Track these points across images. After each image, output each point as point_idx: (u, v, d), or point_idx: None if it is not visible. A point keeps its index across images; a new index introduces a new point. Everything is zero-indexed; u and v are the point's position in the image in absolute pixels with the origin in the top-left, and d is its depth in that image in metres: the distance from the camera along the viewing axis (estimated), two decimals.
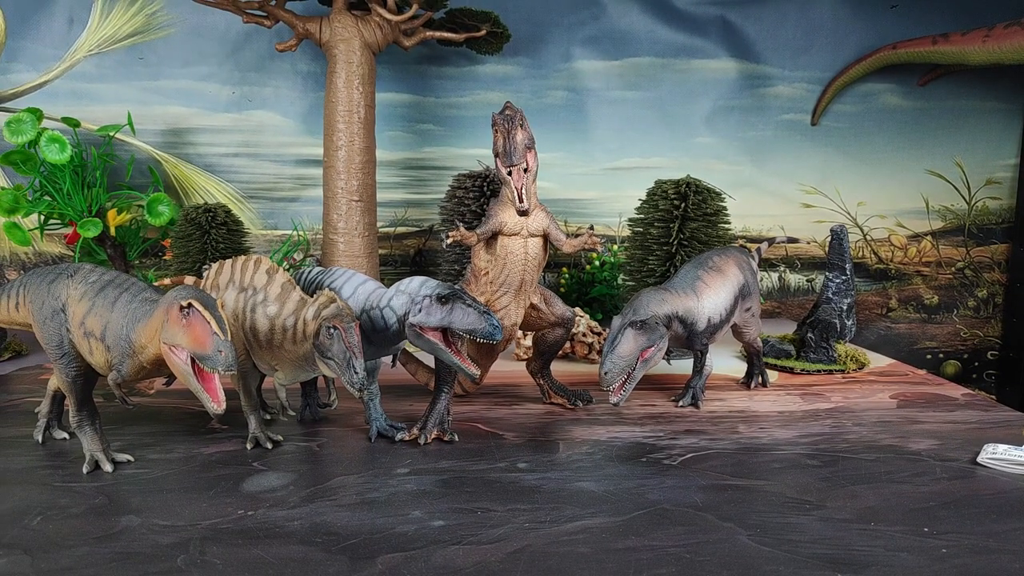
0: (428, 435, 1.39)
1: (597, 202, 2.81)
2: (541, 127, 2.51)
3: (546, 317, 1.62)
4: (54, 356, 1.23)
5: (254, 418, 1.38)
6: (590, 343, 2.11)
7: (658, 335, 1.45)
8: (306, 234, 2.70)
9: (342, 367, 1.18)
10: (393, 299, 1.30)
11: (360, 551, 0.95)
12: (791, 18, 2.68)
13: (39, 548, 0.95)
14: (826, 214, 2.83)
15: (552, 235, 1.50)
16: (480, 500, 1.12)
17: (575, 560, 0.93)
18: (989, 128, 2.74)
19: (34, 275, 1.30)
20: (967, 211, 2.81)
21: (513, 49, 2.59)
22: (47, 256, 2.65)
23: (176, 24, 2.56)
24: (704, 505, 1.10)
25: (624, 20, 2.68)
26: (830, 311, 2.02)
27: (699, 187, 2.01)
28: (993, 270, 2.84)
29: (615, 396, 1.41)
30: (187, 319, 1.07)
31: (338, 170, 2.15)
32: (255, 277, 1.34)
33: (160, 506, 1.08)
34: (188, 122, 2.62)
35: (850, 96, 2.75)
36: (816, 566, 0.92)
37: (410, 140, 2.72)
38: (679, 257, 2.00)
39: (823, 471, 1.25)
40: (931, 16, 2.63)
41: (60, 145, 2.16)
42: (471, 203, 2.18)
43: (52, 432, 1.39)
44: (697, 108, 2.75)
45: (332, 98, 2.13)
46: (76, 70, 2.55)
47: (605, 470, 1.25)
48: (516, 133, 1.40)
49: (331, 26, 2.10)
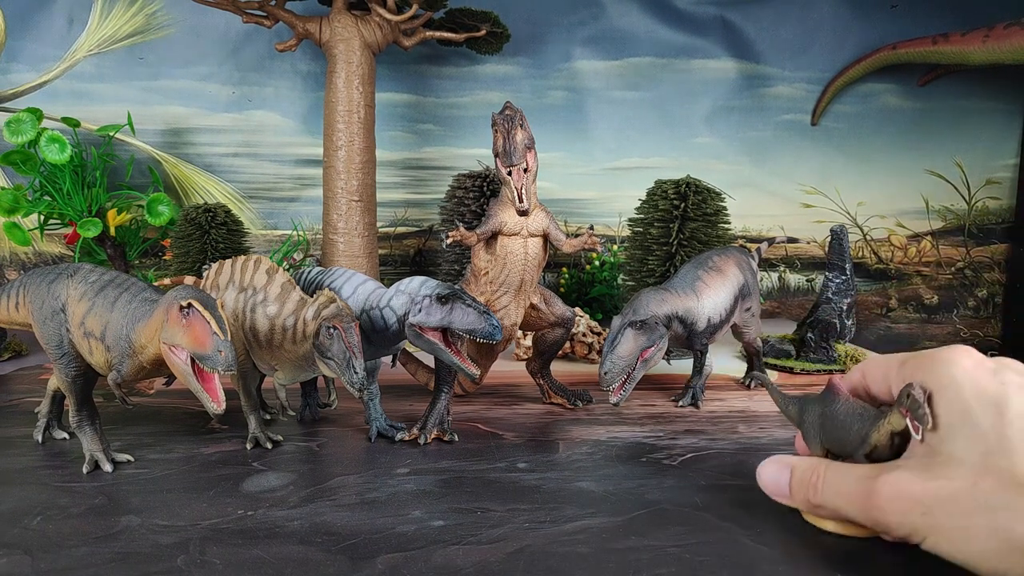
0: (428, 435, 1.39)
1: (597, 202, 2.81)
2: (541, 127, 2.52)
3: (546, 317, 1.62)
4: (54, 356, 1.23)
5: (254, 418, 1.38)
6: (590, 343, 2.11)
7: (658, 335, 1.45)
8: (306, 234, 2.70)
9: (342, 367, 1.18)
10: (393, 299, 1.30)
11: (360, 551, 0.95)
12: (791, 18, 2.69)
13: (39, 548, 0.95)
14: (826, 214, 2.83)
15: (552, 235, 1.50)
16: (480, 500, 1.12)
17: (575, 560, 0.93)
18: (989, 128, 2.74)
19: (34, 275, 1.30)
20: (967, 211, 2.82)
21: (513, 49, 2.59)
22: (47, 256, 2.65)
23: (176, 24, 2.56)
24: (704, 505, 1.10)
25: (624, 20, 2.68)
26: (830, 311, 2.03)
27: (699, 187, 2.01)
28: (993, 270, 2.84)
29: (615, 396, 1.41)
30: (187, 319, 1.07)
31: (338, 170, 2.15)
32: (255, 277, 1.34)
33: (160, 506, 1.08)
34: (188, 122, 2.62)
35: (850, 96, 2.75)
36: (816, 566, 0.92)
37: (410, 140, 2.72)
38: (679, 257, 2.00)
39: None
40: (931, 16, 2.63)
41: (60, 145, 2.16)
42: (471, 203, 2.19)
43: (52, 432, 1.39)
44: (697, 108, 2.75)
45: (332, 98, 2.13)
46: (76, 70, 2.55)
47: (605, 470, 1.25)
48: (516, 133, 1.40)
49: (331, 26, 2.10)
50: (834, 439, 1.02)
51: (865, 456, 0.97)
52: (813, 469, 0.98)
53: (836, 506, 0.93)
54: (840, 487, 0.93)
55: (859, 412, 0.99)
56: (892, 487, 0.86)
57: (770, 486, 1.05)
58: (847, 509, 0.92)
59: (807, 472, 0.98)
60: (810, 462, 1.00)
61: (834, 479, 0.94)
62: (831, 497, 0.94)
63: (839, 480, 0.93)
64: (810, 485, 0.97)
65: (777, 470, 1.04)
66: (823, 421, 1.04)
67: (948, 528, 0.81)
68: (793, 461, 1.03)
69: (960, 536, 0.80)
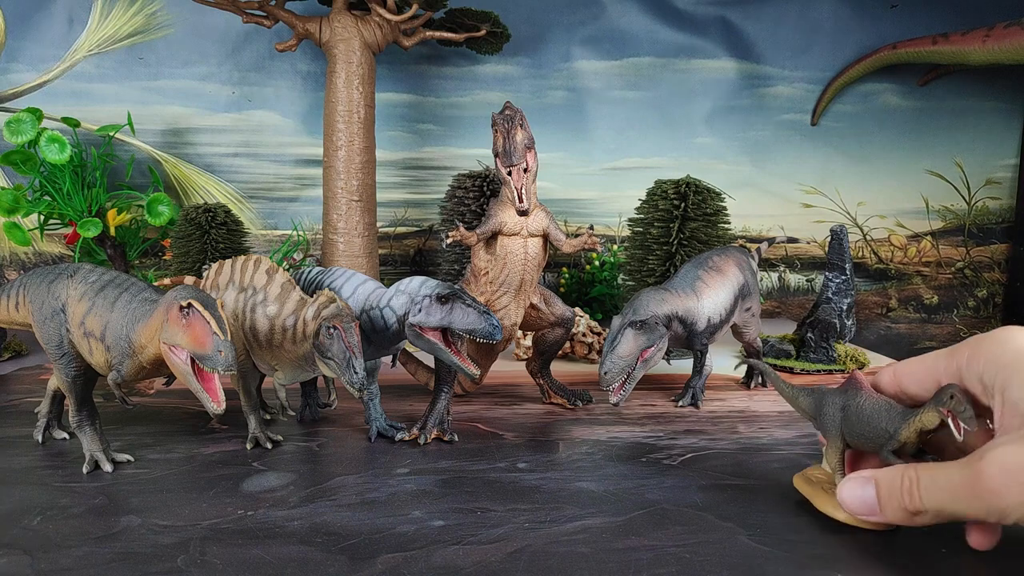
0: (428, 435, 1.39)
1: (597, 202, 2.81)
2: (541, 127, 2.52)
3: (546, 317, 1.62)
4: (54, 356, 1.23)
5: (254, 418, 1.38)
6: (590, 343, 2.11)
7: (658, 335, 1.45)
8: (306, 234, 2.70)
9: (342, 367, 1.18)
10: (393, 299, 1.30)
11: (360, 551, 0.95)
12: (791, 18, 2.69)
13: (39, 548, 0.95)
14: (826, 214, 2.83)
15: (552, 235, 1.50)
16: (480, 500, 1.12)
17: (575, 560, 0.93)
18: (989, 128, 2.74)
19: (34, 275, 1.30)
20: (967, 211, 2.82)
21: (513, 49, 2.59)
22: (47, 256, 2.65)
23: (176, 24, 2.56)
24: (704, 505, 1.10)
25: (624, 20, 2.68)
26: (830, 311, 2.03)
27: (699, 187, 2.01)
28: (993, 270, 2.84)
29: (615, 396, 1.41)
30: (187, 319, 1.07)
31: (338, 170, 2.15)
32: (255, 277, 1.34)
33: (160, 506, 1.08)
34: (188, 122, 2.62)
35: (850, 96, 2.75)
36: (816, 566, 0.92)
37: (410, 140, 2.72)
38: (679, 257, 2.00)
39: None
40: (931, 16, 2.63)
41: (60, 145, 2.16)
42: (471, 203, 2.18)
43: (52, 432, 1.39)
44: (697, 108, 2.76)
45: (332, 98, 2.13)
46: (76, 70, 2.55)
47: (605, 470, 1.25)
48: (516, 133, 1.40)
49: (331, 26, 2.10)
50: (858, 433, 1.02)
51: (892, 452, 0.97)
52: (902, 475, 0.92)
53: (941, 505, 0.88)
54: (941, 484, 0.88)
55: (885, 408, 1.00)
56: (1000, 465, 0.81)
57: (855, 506, 0.97)
58: (954, 505, 0.87)
59: (896, 480, 0.93)
60: (894, 471, 0.94)
61: (931, 479, 0.89)
62: (934, 497, 0.88)
63: (938, 478, 0.89)
64: (904, 492, 0.91)
65: (860, 486, 0.97)
66: (846, 414, 1.04)
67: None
68: (876, 474, 0.96)
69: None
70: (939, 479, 0.88)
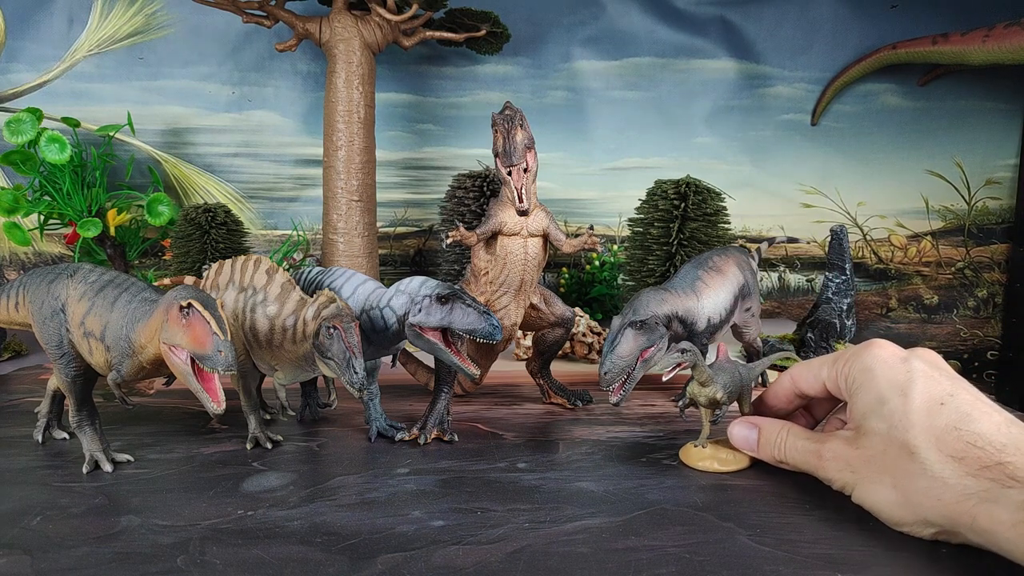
0: (428, 435, 1.39)
1: (597, 202, 2.81)
2: (541, 127, 2.52)
3: (546, 317, 1.62)
4: (54, 356, 1.23)
5: (254, 418, 1.38)
6: (590, 343, 2.11)
7: (658, 335, 1.45)
8: (306, 234, 2.70)
9: (342, 367, 1.18)
10: (393, 299, 1.30)
11: (360, 551, 0.95)
12: (791, 18, 2.68)
13: (39, 548, 0.95)
14: (826, 214, 2.83)
15: (552, 235, 1.50)
16: (480, 500, 1.12)
17: (575, 560, 0.93)
18: (989, 128, 2.74)
19: (34, 275, 1.30)
20: (967, 211, 2.81)
21: (513, 49, 2.59)
22: (47, 256, 2.65)
23: (176, 24, 2.56)
24: (704, 505, 1.10)
25: (624, 20, 2.68)
26: (830, 311, 2.03)
27: (699, 187, 2.01)
28: (993, 270, 2.84)
29: (615, 396, 1.41)
30: (187, 319, 1.07)
31: (338, 170, 2.15)
32: (255, 277, 1.34)
33: (160, 506, 1.08)
34: (188, 122, 2.62)
35: (850, 96, 2.75)
36: (816, 566, 0.92)
37: (410, 140, 2.72)
38: (679, 257, 2.00)
39: None
40: (931, 16, 2.63)
41: (60, 145, 2.16)
42: (471, 203, 2.19)
43: (52, 432, 1.39)
44: (697, 108, 2.75)
45: (332, 98, 2.13)
46: (76, 70, 2.55)
47: (605, 470, 1.25)
48: (516, 133, 1.40)
49: (331, 26, 2.10)
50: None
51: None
52: (778, 432, 1.21)
53: (796, 463, 1.17)
54: (799, 448, 1.17)
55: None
56: (831, 451, 1.10)
57: (740, 442, 1.26)
58: (804, 466, 1.16)
59: (772, 434, 1.21)
60: (775, 425, 1.23)
61: (794, 442, 1.18)
62: (792, 456, 1.18)
63: (798, 444, 1.17)
64: (776, 446, 1.20)
65: (747, 428, 1.26)
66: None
67: (866, 484, 1.04)
68: (760, 423, 1.25)
69: (873, 490, 1.03)
70: (799, 445, 1.17)
